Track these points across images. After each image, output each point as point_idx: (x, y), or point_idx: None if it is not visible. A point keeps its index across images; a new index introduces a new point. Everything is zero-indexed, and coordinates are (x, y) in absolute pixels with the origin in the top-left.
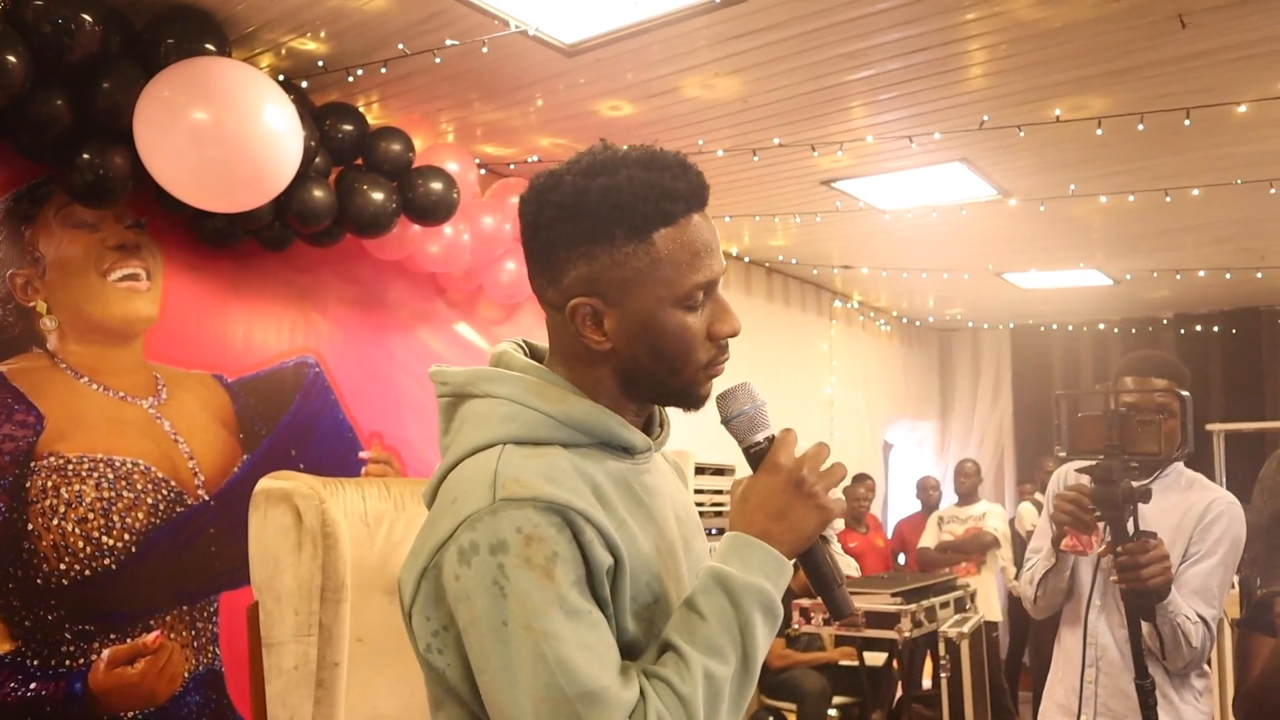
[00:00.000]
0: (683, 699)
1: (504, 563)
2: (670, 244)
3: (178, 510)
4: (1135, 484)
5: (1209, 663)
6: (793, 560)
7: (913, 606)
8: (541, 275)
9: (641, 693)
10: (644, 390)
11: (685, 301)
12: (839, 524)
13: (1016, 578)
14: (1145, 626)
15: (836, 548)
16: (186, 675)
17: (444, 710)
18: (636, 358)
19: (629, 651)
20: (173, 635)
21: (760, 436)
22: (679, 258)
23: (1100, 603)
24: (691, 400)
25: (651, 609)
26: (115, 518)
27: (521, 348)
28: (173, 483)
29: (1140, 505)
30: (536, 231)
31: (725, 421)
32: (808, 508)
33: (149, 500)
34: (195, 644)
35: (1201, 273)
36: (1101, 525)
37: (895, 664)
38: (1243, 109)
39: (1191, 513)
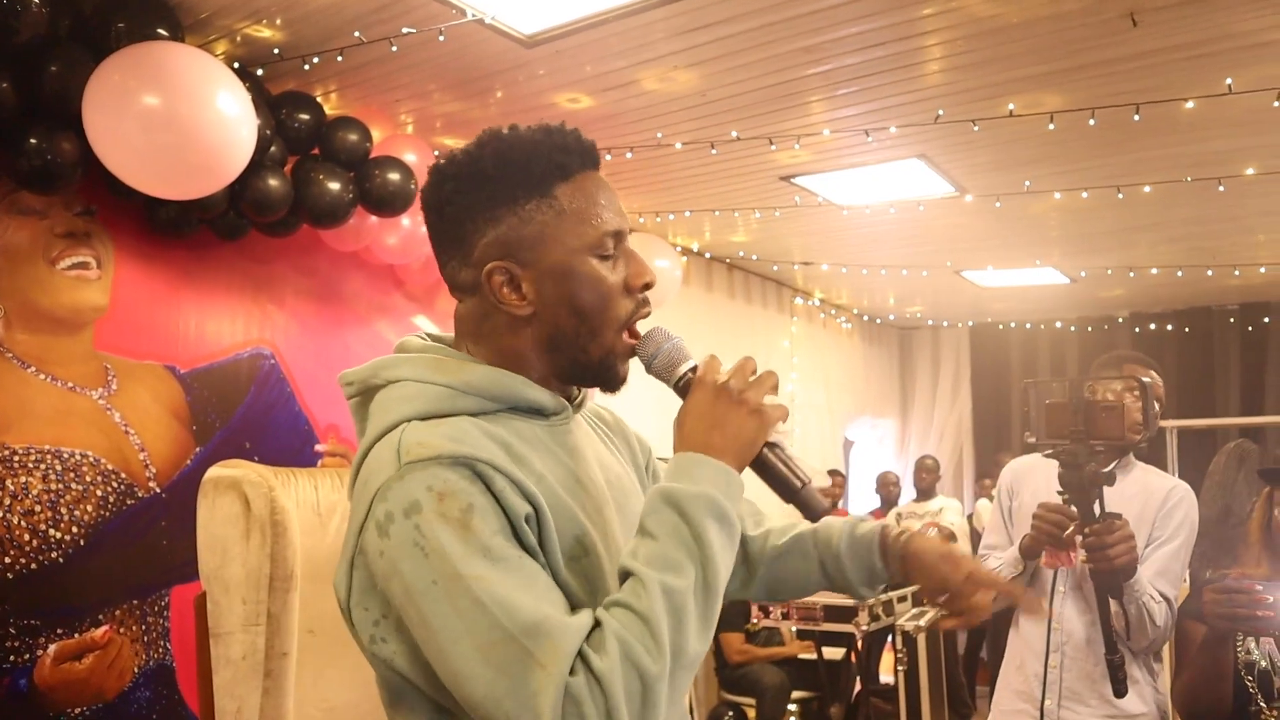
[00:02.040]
0: (642, 616)
1: (419, 523)
2: (571, 196)
3: (128, 503)
4: (1102, 470)
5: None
6: (742, 470)
7: (871, 601)
8: (453, 256)
9: (598, 622)
10: (565, 358)
11: (597, 249)
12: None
13: None
14: (1113, 607)
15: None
16: (136, 670)
17: (404, 703)
18: (557, 318)
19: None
20: (122, 630)
21: (684, 368)
22: (583, 207)
23: (1065, 589)
24: (611, 376)
25: (584, 563)
26: (63, 510)
27: (423, 337)
28: (123, 475)
29: (1105, 493)
30: (440, 210)
31: (648, 368)
32: (741, 414)
33: (98, 492)
34: (146, 639)
35: (1154, 270)
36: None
37: (854, 658)
38: (1190, 105)
39: (1153, 499)
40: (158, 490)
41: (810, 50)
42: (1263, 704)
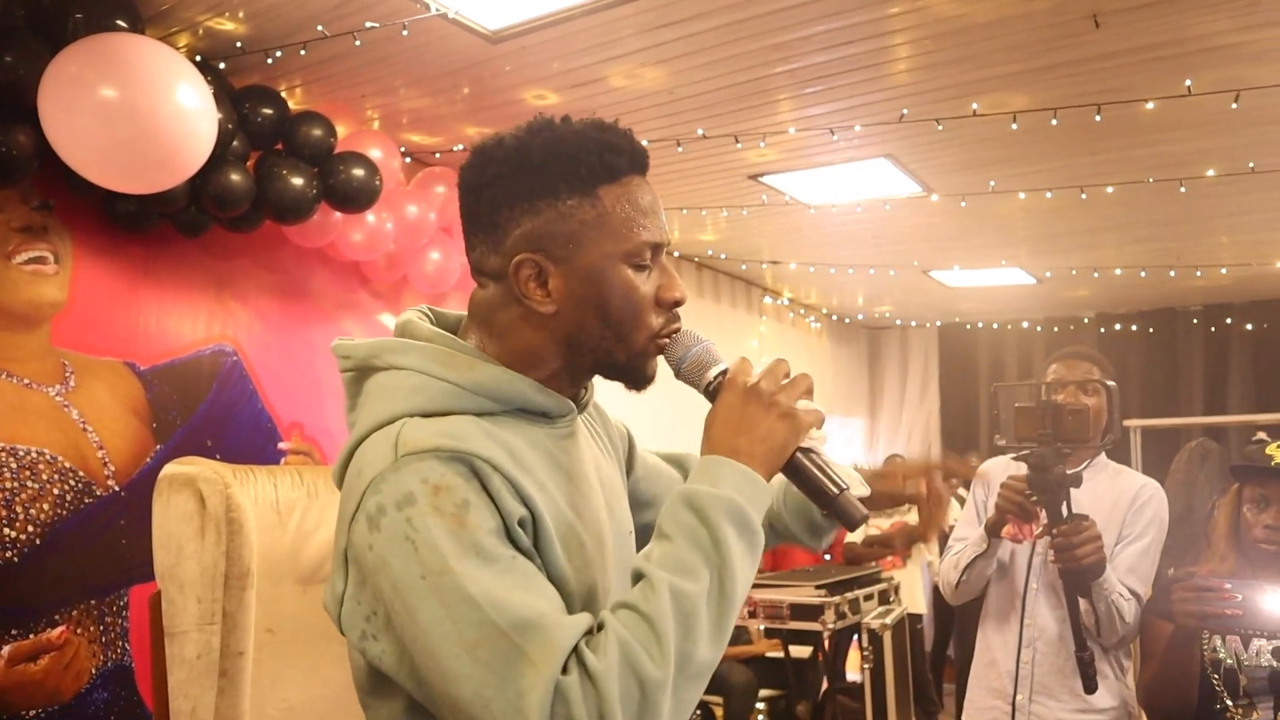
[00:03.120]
0: (647, 618)
1: (411, 515)
2: (616, 200)
3: (86, 501)
4: (1068, 471)
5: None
6: (771, 477)
7: (837, 599)
8: (484, 241)
9: (602, 623)
10: (587, 360)
11: (634, 258)
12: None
13: None
14: (1082, 604)
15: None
16: (94, 671)
17: (384, 691)
18: (582, 322)
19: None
20: (79, 630)
21: (713, 373)
22: (626, 213)
23: (1037, 585)
24: (639, 375)
25: (584, 574)
26: (18, 509)
27: (427, 315)
28: (81, 473)
29: (1076, 492)
30: (479, 192)
31: (677, 372)
32: (772, 417)
33: (55, 491)
34: (103, 639)
35: (1118, 271)
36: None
37: (820, 656)
38: (1151, 106)
39: (1123, 498)
40: (116, 489)
41: (778, 48)
42: (1229, 702)
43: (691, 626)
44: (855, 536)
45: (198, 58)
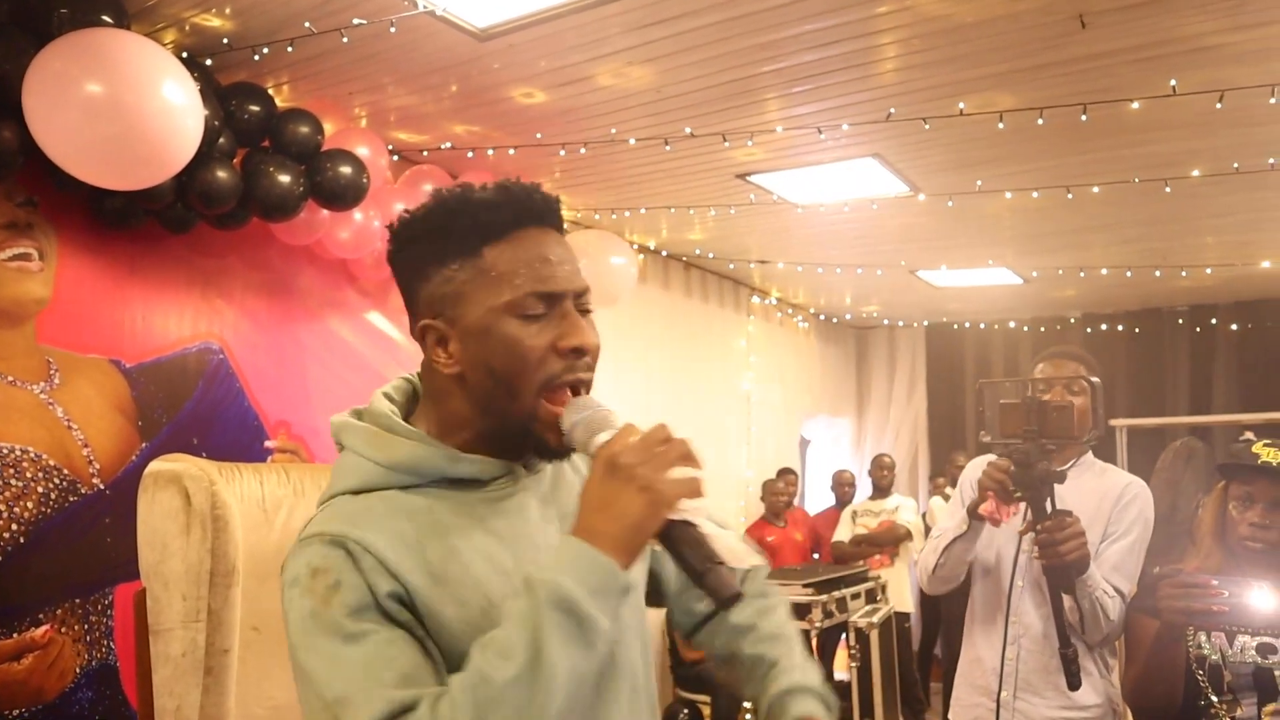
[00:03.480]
0: (451, 699)
1: (293, 595)
2: (500, 256)
3: (70, 500)
4: (1055, 469)
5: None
6: (630, 559)
7: (824, 598)
8: (409, 312)
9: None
10: (495, 422)
11: (518, 309)
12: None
13: None
14: (1067, 601)
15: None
16: (78, 670)
17: None
18: (479, 379)
19: None
20: (64, 629)
21: (598, 440)
22: (509, 267)
23: (1022, 582)
24: (535, 441)
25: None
26: (2, 507)
27: (401, 386)
28: (65, 471)
29: (1061, 490)
30: (393, 265)
31: (571, 441)
32: (629, 492)
33: (39, 489)
34: (88, 638)
35: (1104, 271)
36: (1022, 504)
37: None
38: (1136, 106)
39: (1109, 496)
40: (101, 487)
41: (766, 47)
42: (1213, 698)
43: (486, 714)
44: (843, 535)
45: (184, 54)
